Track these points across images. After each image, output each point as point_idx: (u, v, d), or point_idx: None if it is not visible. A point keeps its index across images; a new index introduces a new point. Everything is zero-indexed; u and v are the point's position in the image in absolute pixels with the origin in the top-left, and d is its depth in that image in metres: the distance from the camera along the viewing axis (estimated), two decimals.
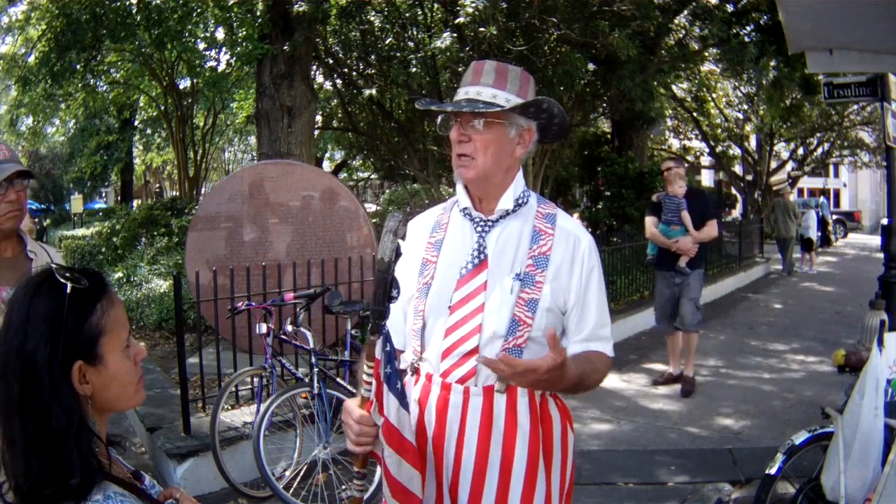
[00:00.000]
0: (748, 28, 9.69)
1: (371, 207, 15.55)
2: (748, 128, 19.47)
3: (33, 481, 1.00)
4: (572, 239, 1.70)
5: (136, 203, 23.60)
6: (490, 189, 1.70)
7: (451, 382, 1.65)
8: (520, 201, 1.71)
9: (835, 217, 24.07)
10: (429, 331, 1.69)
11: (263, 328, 4.06)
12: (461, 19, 6.75)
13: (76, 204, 25.80)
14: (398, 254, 1.49)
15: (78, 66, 9.65)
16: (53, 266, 1.10)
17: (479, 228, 1.70)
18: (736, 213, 22.72)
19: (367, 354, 1.48)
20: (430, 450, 1.66)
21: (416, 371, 1.73)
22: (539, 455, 1.65)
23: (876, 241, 18.46)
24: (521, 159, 1.73)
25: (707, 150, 20.08)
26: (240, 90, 13.72)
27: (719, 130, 19.36)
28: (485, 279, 1.65)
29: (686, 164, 5.85)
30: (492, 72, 1.65)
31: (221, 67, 9.95)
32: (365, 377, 1.49)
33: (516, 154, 1.70)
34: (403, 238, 1.57)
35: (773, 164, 20.07)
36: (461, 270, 1.67)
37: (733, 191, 22.67)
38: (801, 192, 28.49)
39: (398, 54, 8.22)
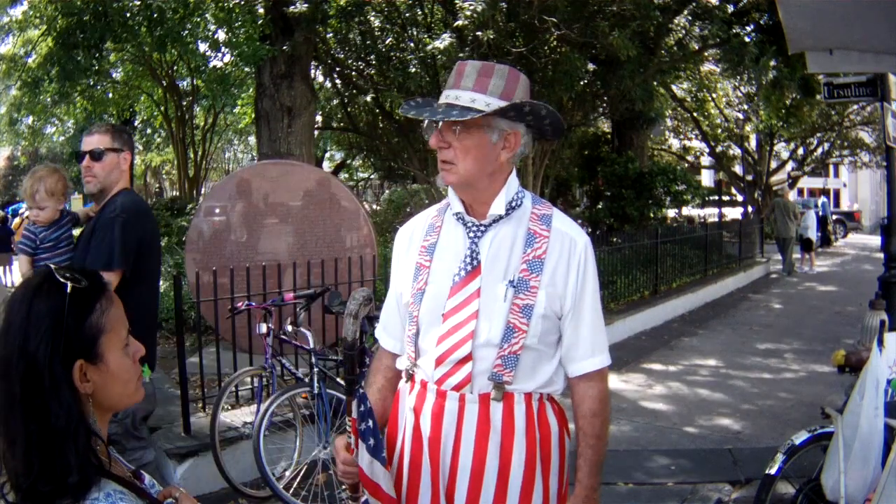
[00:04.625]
0: (748, 28, 9.70)
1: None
2: (748, 128, 19.45)
3: (33, 480, 1.00)
4: (568, 241, 1.65)
5: None
6: (477, 194, 1.65)
7: (446, 390, 1.62)
8: (513, 204, 1.67)
9: (835, 217, 24.07)
10: (422, 338, 1.67)
11: (263, 328, 4.06)
12: (460, 22, 6.76)
13: (76, 204, 25.77)
14: (363, 331, 1.62)
15: (86, 66, 9.59)
16: (52, 266, 1.11)
17: (471, 234, 1.66)
18: (737, 213, 22.70)
19: (346, 410, 1.62)
20: (426, 456, 1.64)
21: (410, 378, 1.71)
22: (536, 461, 1.63)
23: (876, 241, 18.46)
24: (510, 163, 1.66)
25: (707, 150, 20.08)
26: (240, 94, 13.70)
27: (719, 130, 19.35)
28: (478, 286, 1.61)
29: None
30: (473, 74, 1.59)
31: (221, 66, 9.93)
32: (347, 427, 1.62)
33: (501, 159, 1.63)
34: (369, 317, 1.74)
35: (773, 164, 20.06)
36: (454, 277, 1.63)
37: (733, 191, 22.64)
38: (800, 191, 28.46)
39: (398, 55, 8.22)
